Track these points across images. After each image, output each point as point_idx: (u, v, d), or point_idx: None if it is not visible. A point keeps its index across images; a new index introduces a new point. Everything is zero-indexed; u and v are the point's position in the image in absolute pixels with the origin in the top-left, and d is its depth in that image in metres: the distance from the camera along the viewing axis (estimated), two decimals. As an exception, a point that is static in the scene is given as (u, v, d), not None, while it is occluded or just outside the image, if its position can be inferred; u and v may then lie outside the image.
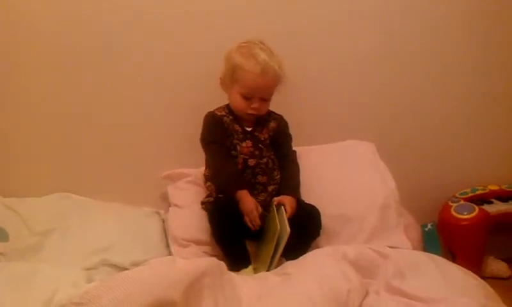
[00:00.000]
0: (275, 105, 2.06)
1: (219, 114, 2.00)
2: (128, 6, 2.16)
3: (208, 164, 2.05)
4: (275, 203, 1.88)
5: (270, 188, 2.00)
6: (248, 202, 1.85)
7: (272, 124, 2.07)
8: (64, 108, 2.20)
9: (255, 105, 1.94)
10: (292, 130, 2.13)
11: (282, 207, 1.84)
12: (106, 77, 2.19)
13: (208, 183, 2.06)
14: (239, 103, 1.95)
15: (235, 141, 1.98)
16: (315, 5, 2.27)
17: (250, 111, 1.95)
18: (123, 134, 2.26)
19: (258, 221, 1.82)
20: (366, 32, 2.33)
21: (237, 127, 2.00)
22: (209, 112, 2.01)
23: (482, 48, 2.41)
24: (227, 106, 2.03)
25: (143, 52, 2.19)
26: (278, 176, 2.03)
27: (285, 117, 2.13)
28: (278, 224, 1.76)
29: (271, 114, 2.08)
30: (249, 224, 1.82)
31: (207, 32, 2.19)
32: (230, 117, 2.00)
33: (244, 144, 1.98)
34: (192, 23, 2.18)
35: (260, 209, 1.86)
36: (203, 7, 2.18)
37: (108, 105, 2.23)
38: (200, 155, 2.03)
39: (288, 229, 1.71)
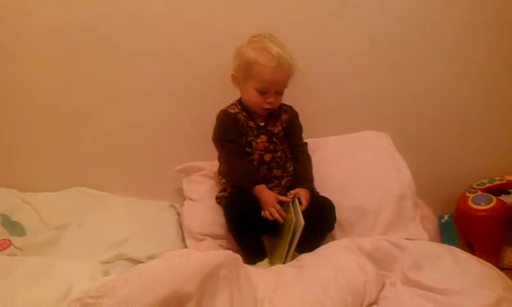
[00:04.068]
0: (288, 98, 2.05)
1: (232, 111, 1.99)
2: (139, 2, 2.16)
3: (224, 162, 2.04)
4: (291, 196, 1.87)
5: (284, 181, 2.00)
6: (267, 195, 1.85)
7: (284, 116, 2.06)
8: (79, 103, 2.21)
9: (271, 99, 1.93)
10: (306, 122, 2.12)
11: (296, 199, 1.83)
12: (120, 72, 2.20)
13: (223, 180, 2.06)
14: (254, 99, 1.94)
15: (250, 138, 1.97)
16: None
17: (266, 106, 1.94)
18: (138, 128, 2.27)
19: (283, 213, 1.81)
20: (378, 24, 2.30)
21: (251, 123, 1.99)
22: (222, 111, 2.00)
23: (494, 32, 2.38)
24: (239, 102, 2.02)
25: (157, 47, 2.19)
26: (291, 168, 2.03)
27: (298, 109, 2.11)
28: (295, 216, 1.75)
29: (282, 107, 2.06)
30: (276, 215, 1.78)
31: (219, 26, 2.17)
32: (244, 113, 1.99)
33: (259, 140, 1.97)
34: (205, 18, 2.17)
35: (283, 198, 1.85)
36: (211, 4, 2.18)
37: (123, 99, 2.23)
38: (214, 148, 2.03)
39: (302, 221, 1.71)
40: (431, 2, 2.30)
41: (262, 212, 1.81)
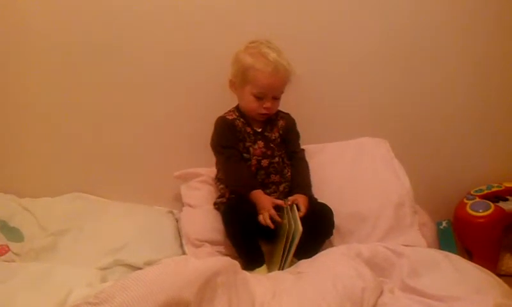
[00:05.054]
0: (287, 104, 2.06)
1: (230, 118, 2.00)
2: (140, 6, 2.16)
3: (221, 168, 2.04)
4: (289, 202, 1.87)
5: (282, 186, 2.00)
6: (264, 200, 1.85)
7: (281, 122, 2.07)
8: (78, 109, 2.21)
9: (267, 104, 1.94)
10: (304, 128, 2.13)
11: (294, 206, 1.83)
12: (119, 77, 2.20)
13: (221, 186, 2.06)
14: (251, 104, 1.96)
15: (248, 144, 1.98)
16: (325, 2, 2.26)
17: (263, 111, 1.96)
18: (137, 134, 2.27)
19: (277, 218, 1.80)
20: (376, 31, 2.31)
21: (248, 129, 2.00)
22: (220, 117, 2.01)
23: (493, 42, 2.38)
24: (236, 108, 2.04)
25: (156, 53, 2.19)
26: (289, 174, 2.04)
27: (296, 115, 2.12)
28: (293, 222, 1.75)
29: (278, 113, 2.08)
30: (268, 221, 1.78)
31: (218, 34, 2.18)
32: (241, 120, 2.00)
33: (256, 146, 1.98)
34: (205, 24, 2.18)
35: (280, 202, 1.85)
36: (212, 8, 2.18)
37: (121, 105, 2.23)
38: (212, 155, 2.03)
39: (300, 227, 1.71)
40: (430, 10, 2.31)
41: (259, 216, 1.81)
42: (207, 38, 2.19)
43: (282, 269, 1.77)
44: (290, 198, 1.90)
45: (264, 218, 1.79)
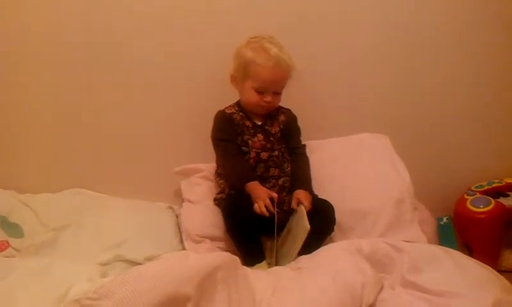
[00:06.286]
0: (287, 100, 2.06)
1: (228, 111, 2.02)
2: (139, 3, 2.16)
3: (219, 161, 2.06)
4: (296, 205, 1.86)
5: (281, 181, 2.00)
6: (259, 190, 1.85)
7: (282, 117, 2.08)
8: (78, 104, 2.21)
9: (268, 98, 1.95)
10: (304, 124, 2.13)
11: (301, 205, 1.83)
12: (119, 73, 2.20)
13: (221, 181, 2.06)
14: (252, 98, 1.96)
15: (246, 137, 1.99)
16: (326, 1, 2.26)
17: (264, 104, 1.96)
18: (137, 130, 2.27)
19: (271, 208, 1.78)
20: (378, 27, 2.30)
21: (247, 123, 2.01)
22: (219, 111, 2.03)
23: (493, 37, 2.37)
24: (237, 103, 2.05)
25: (156, 48, 2.19)
26: (289, 169, 2.04)
27: (297, 111, 2.13)
28: (305, 222, 1.74)
29: (279, 109, 2.09)
30: (263, 209, 1.77)
31: (218, 29, 2.18)
32: (240, 114, 2.01)
33: (255, 139, 1.99)
34: (205, 20, 2.18)
35: (275, 195, 1.83)
36: (212, 8, 2.18)
37: (121, 101, 2.23)
38: (212, 150, 2.04)
39: (308, 226, 1.71)
40: (430, 10, 2.30)
41: (254, 205, 1.81)
42: (207, 37, 2.19)
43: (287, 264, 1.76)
44: (293, 202, 1.89)
45: (259, 206, 1.78)
